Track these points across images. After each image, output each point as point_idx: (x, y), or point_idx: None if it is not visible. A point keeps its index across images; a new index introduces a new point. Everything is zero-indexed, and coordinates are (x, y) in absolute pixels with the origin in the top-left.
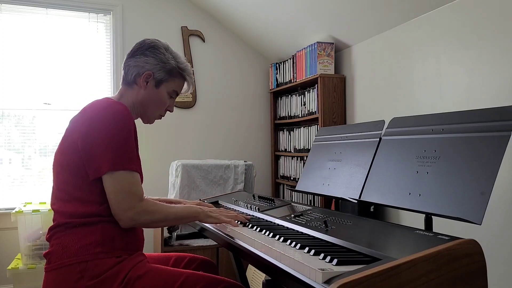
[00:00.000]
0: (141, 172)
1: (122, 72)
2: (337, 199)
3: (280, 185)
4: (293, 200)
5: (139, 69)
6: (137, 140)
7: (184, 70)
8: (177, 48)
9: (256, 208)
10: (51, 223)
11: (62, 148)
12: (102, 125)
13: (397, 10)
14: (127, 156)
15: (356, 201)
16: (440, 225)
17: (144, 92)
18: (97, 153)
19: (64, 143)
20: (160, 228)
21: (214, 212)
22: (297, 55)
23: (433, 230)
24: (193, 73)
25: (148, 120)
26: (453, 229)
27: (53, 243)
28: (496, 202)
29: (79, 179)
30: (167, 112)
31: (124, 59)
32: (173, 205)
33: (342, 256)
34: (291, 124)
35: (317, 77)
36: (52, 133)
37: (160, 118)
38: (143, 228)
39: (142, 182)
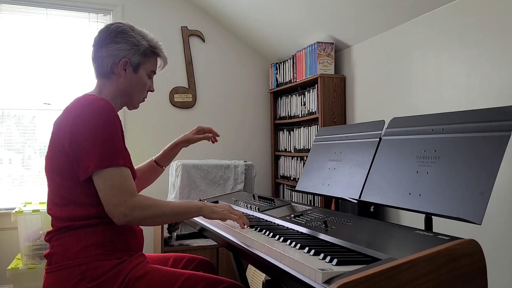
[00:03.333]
0: (132, 167)
1: (94, 65)
2: (337, 199)
3: (280, 185)
4: (293, 200)
5: (113, 58)
6: (123, 133)
7: (156, 47)
8: (177, 48)
9: (256, 208)
10: (51, 226)
11: (50, 152)
12: (85, 125)
13: (397, 10)
14: (113, 152)
15: (356, 201)
16: (440, 225)
17: (124, 80)
18: (83, 153)
19: (51, 147)
20: (160, 228)
21: (219, 207)
22: (297, 55)
23: (433, 230)
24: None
25: (133, 106)
26: (453, 229)
27: (53, 244)
28: (496, 202)
29: (71, 182)
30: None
31: (93, 51)
32: (171, 200)
33: (342, 256)
34: (291, 124)
35: (317, 77)
36: None
37: (144, 101)
38: (143, 227)
39: (135, 177)
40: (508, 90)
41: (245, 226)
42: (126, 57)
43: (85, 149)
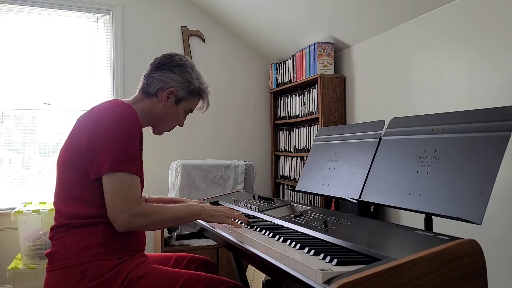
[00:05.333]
0: (142, 177)
1: (143, 80)
2: (337, 199)
3: (280, 185)
4: (293, 200)
5: (163, 84)
6: (142, 144)
7: (205, 91)
8: (177, 48)
9: (256, 208)
10: (51, 223)
11: (67, 146)
12: (108, 125)
13: (397, 10)
14: (128, 158)
15: (356, 201)
16: (440, 225)
17: (163, 107)
18: (99, 153)
19: (69, 141)
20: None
21: (216, 211)
22: (297, 55)
23: (433, 230)
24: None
25: (158, 132)
26: (453, 229)
27: (55, 243)
28: (496, 202)
29: (81, 178)
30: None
31: (149, 69)
32: (171, 205)
33: (342, 256)
34: (291, 124)
35: (317, 77)
36: (52, 133)
37: (169, 131)
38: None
39: (143, 187)
40: (508, 90)
41: (243, 225)
42: (174, 88)
43: (102, 148)
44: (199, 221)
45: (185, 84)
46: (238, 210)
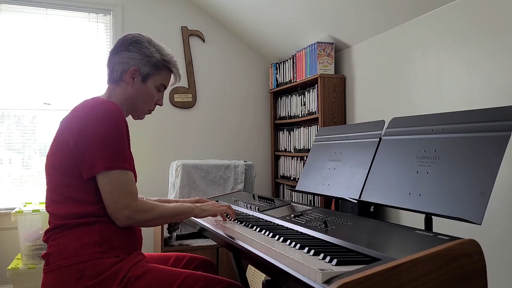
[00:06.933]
0: (135, 171)
1: (107, 70)
2: (337, 199)
3: (280, 185)
4: (293, 200)
5: (124, 66)
6: (129, 138)
7: (169, 62)
8: (177, 48)
9: (256, 208)
10: (48, 223)
11: (53, 149)
12: (95, 124)
13: (397, 10)
14: (121, 155)
15: (356, 201)
16: (440, 225)
17: (132, 89)
18: (90, 152)
19: (55, 144)
20: (160, 228)
21: (207, 205)
22: (297, 55)
23: (433, 230)
24: (179, 64)
25: (138, 116)
26: (453, 229)
27: (51, 244)
28: (496, 202)
29: (72, 179)
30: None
31: (108, 57)
32: (167, 204)
33: (342, 256)
34: (291, 124)
35: (317, 77)
36: (52, 133)
37: (150, 113)
38: (142, 227)
39: (136, 181)
40: (508, 90)
41: (231, 219)
42: (136, 66)
43: (93, 148)
44: (199, 220)
45: (145, 59)
46: (237, 210)
